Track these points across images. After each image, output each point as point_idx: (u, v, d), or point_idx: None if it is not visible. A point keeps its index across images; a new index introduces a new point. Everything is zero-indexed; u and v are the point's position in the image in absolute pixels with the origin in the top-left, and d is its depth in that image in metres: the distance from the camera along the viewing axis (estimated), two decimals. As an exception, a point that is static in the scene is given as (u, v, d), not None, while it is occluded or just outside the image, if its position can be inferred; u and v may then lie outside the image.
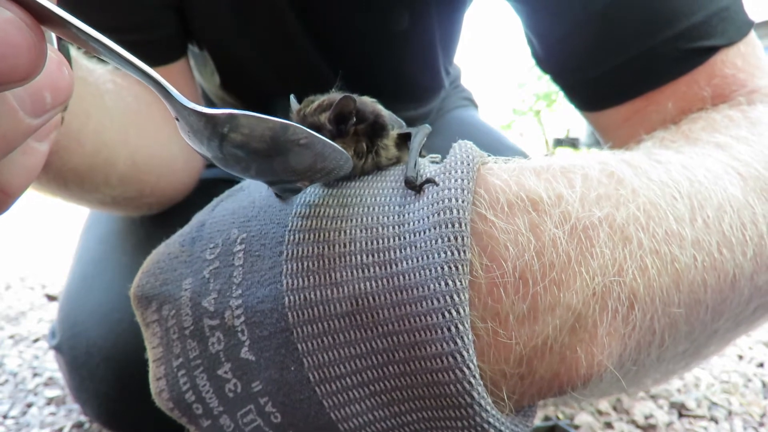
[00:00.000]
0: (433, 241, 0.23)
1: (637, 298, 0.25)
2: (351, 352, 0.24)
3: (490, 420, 0.23)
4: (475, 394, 0.22)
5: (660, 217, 0.27)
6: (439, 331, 0.22)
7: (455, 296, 0.22)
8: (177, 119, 0.20)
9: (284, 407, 0.25)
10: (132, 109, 0.48)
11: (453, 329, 0.22)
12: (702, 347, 0.35)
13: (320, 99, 0.29)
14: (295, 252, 0.25)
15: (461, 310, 0.22)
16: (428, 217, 0.24)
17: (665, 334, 0.28)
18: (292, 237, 0.26)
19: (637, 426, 0.68)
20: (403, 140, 0.31)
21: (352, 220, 0.26)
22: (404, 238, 0.24)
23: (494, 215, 0.25)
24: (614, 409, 0.72)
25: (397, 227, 0.25)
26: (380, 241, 0.25)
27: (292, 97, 0.31)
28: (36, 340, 1.02)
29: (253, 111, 0.74)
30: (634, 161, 0.30)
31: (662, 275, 0.26)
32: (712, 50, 0.44)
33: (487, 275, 0.24)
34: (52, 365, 0.89)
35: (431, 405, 0.24)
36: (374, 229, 0.25)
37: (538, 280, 0.24)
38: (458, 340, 0.22)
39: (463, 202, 0.24)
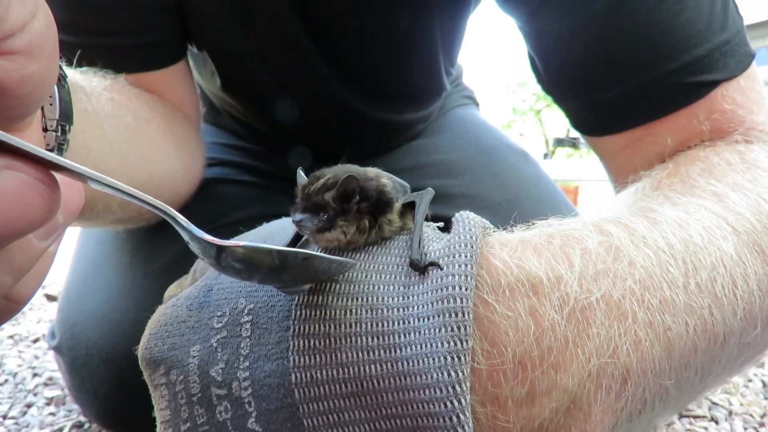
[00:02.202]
0: (437, 330, 0.24)
1: (630, 374, 0.26)
2: (355, 431, 0.25)
3: None
4: None
5: (654, 287, 0.28)
6: (441, 420, 0.23)
7: (457, 387, 0.23)
8: (188, 242, 0.22)
9: None
10: (131, 129, 0.47)
11: (454, 419, 0.23)
12: (689, 401, 0.36)
13: (326, 176, 0.30)
14: (302, 329, 0.26)
15: (462, 400, 0.23)
16: (432, 303, 0.25)
17: (656, 401, 0.28)
18: (299, 312, 0.27)
19: None
20: (408, 208, 0.32)
21: (357, 299, 0.26)
22: (408, 322, 0.25)
23: (495, 300, 0.26)
24: (614, 409, 0.72)
25: (401, 310, 0.25)
26: (385, 324, 0.25)
27: (299, 170, 0.31)
28: (36, 340, 1.02)
29: (252, 112, 0.73)
30: (632, 224, 0.31)
31: (655, 347, 0.27)
32: (713, 84, 0.44)
33: (488, 361, 0.25)
34: (51, 365, 0.89)
35: None
36: (379, 311, 0.26)
37: (536, 365, 0.25)
38: (459, 430, 0.23)
39: (466, 290, 0.25)
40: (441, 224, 0.31)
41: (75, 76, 0.42)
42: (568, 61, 0.51)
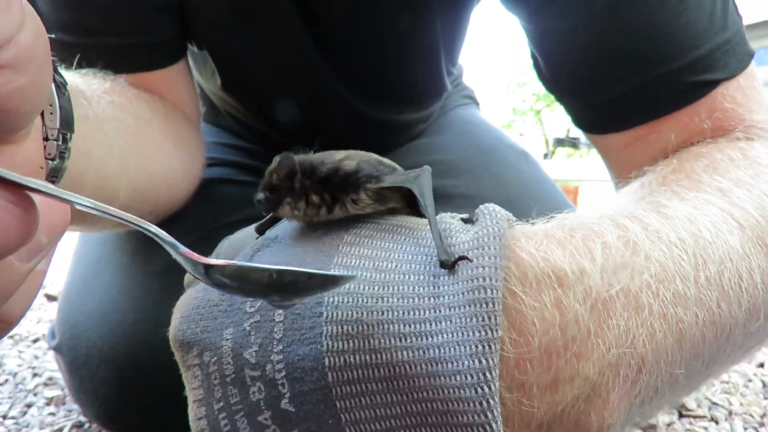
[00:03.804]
0: (468, 319, 0.25)
1: (645, 363, 0.28)
2: (387, 413, 0.26)
3: None
4: None
5: (668, 280, 0.29)
6: (472, 404, 0.24)
7: (487, 374, 0.24)
8: (176, 258, 0.22)
9: None
10: (131, 131, 0.47)
11: (484, 404, 0.24)
12: (695, 389, 0.39)
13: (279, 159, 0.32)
14: (334, 315, 0.27)
15: (492, 386, 0.24)
16: (463, 294, 0.26)
17: (666, 389, 0.30)
18: (331, 299, 0.28)
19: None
20: (394, 191, 0.33)
21: (388, 287, 0.27)
22: (439, 311, 0.26)
23: (523, 292, 0.27)
24: (615, 409, 0.72)
25: (432, 299, 0.26)
26: (417, 312, 0.26)
27: (276, 157, 0.34)
28: (36, 340, 1.02)
29: (252, 113, 0.73)
30: (646, 219, 0.32)
31: (668, 338, 0.28)
32: (714, 83, 0.45)
33: (516, 350, 0.26)
34: (51, 365, 0.89)
35: None
36: (411, 299, 0.27)
37: (561, 355, 0.26)
38: (488, 414, 0.24)
39: (496, 281, 0.26)
40: (465, 216, 0.32)
41: (75, 80, 0.42)
42: (570, 60, 0.51)
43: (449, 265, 0.27)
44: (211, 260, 0.22)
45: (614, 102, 0.49)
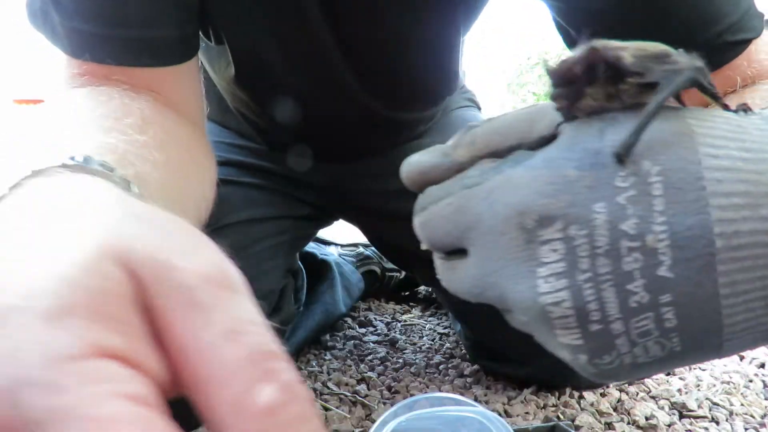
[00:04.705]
0: None
1: None
2: (766, 273, 0.29)
3: None
4: None
5: None
6: None
7: None
8: None
9: (684, 315, 0.30)
10: (175, 187, 0.43)
11: None
12: None
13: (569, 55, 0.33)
14: (720, 189, 0.29)
15: None
16: None
17: None
18: (712, 174, 0.30)
19: (638, 427, 0.68)
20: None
21: (765, 164, 0.30)
22: None
23: None
24: (615, 409, 0.72)
25: None
26: None
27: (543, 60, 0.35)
28: (37, 340, 1.02)
29: (262, 107, 0.73)
30: None
31: None
32: (747, 42, 0.53)
33: None
34: (53, 365, 0.89)
35: None
36: None
37: None
38: None
39: None
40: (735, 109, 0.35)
41: (121, 142, 0.37)
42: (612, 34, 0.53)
43: None
44: None
45: None
